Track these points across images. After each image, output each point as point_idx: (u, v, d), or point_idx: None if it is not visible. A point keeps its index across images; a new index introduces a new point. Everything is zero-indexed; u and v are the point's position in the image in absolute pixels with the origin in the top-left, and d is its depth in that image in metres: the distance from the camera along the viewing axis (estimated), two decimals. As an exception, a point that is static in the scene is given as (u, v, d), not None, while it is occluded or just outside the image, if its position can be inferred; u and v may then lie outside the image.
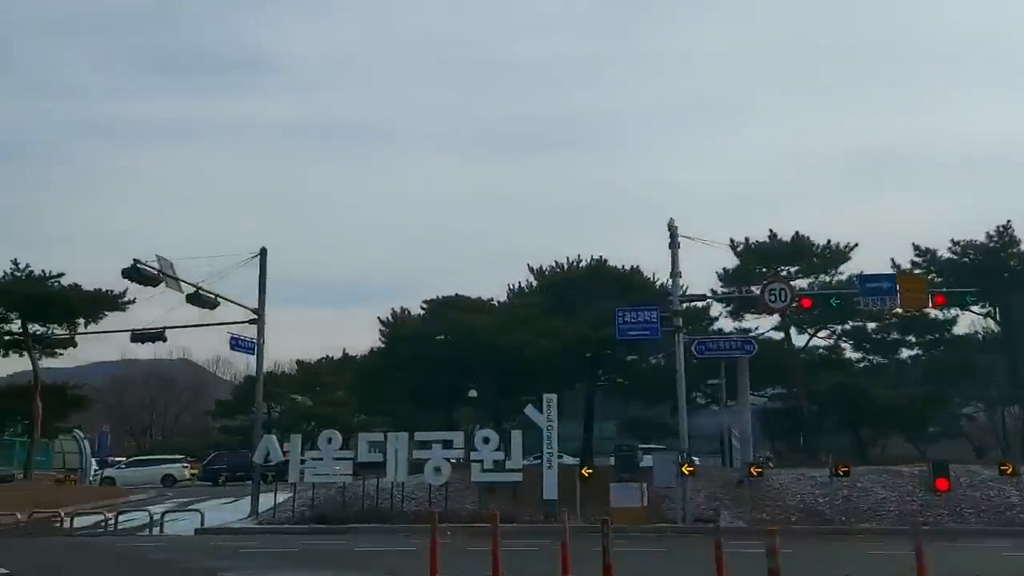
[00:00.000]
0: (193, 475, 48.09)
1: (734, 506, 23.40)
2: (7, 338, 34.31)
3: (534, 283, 30.45)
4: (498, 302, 30.61)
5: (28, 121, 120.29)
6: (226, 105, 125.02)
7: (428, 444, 23.89)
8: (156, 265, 20.69)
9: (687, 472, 21.32)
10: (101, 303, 32.72)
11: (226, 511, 28.09)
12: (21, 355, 34.64)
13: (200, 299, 23.07)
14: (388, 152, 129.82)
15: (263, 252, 26.74)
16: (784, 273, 29.97)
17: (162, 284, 20.81)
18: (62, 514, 24.52)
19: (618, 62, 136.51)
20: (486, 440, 23.14)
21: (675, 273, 23.17)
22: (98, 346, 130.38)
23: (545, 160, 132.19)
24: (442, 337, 30.74)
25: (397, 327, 31.57)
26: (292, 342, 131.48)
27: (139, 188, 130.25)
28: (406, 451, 23.78)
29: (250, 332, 26.38)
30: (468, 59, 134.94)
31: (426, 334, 29.85)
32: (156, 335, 26.63)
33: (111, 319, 35.13)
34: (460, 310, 29.49)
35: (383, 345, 32.63)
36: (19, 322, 33.91)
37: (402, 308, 32.30)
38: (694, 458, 23.03)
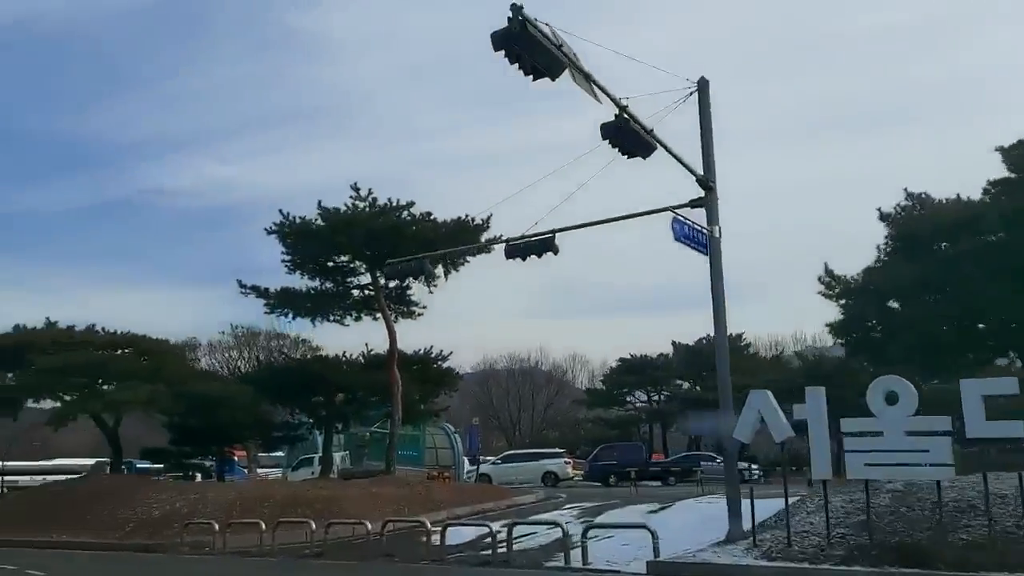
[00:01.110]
0: (577, 474, 39.21)
1: None
2: (356, 294, 27.35)
3: None
4: None
5: (384, 164, 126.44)
6: (549, 125, 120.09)
7: None
8: (552, 39, 10.19)
9: None
10: (463, 235, 24.12)
11: (667, 525, 17.08)
12: (375, 317, 27.51)
13: (627, 134, 12.35)
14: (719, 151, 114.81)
15: (702, 86, 15.55)
16: None
17: (564, 72, 10.26)
18: (427, 525, 15.25)
19: (952, 24, 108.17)
20: None
21: None
22: (462, 354, 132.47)
23: (894, 136, 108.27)
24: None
25: (918, 220, 18.37)
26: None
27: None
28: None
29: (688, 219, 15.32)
30: (793, 42, 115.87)
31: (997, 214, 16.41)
32: (542, 244, 16.81)
33: (473, 265, 26.59)
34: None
35: (886, 257, 19.65)
36: (368, 275, 26.68)
37: (917, 193, 19.12)
38: None
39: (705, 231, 15.07)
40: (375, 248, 24.88)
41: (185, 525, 18.29)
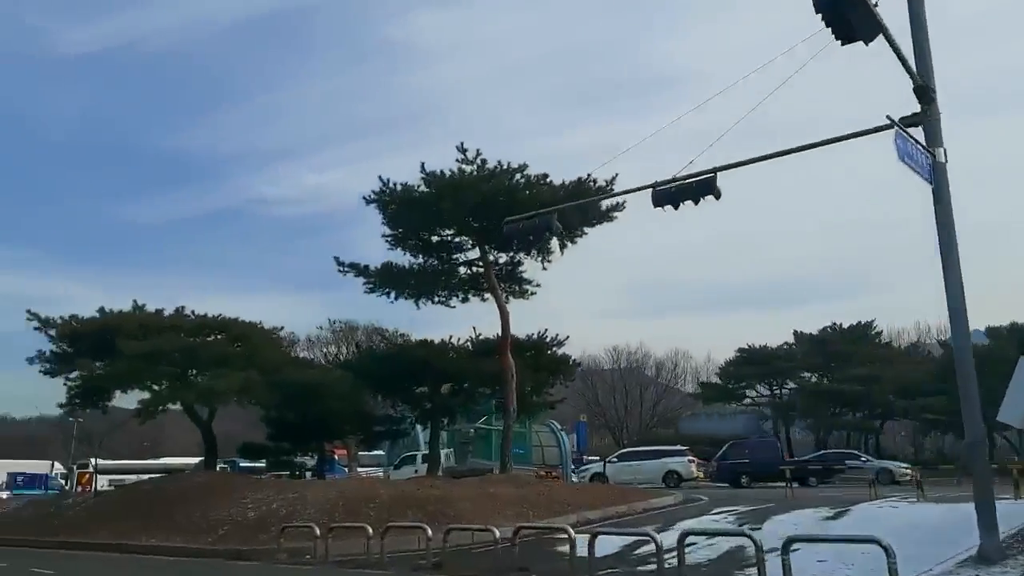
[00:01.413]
0: (703, 473, 35.60)
1: None
2: (462, 271, 24.54)
3: None
4: None
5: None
6: (642, 124, 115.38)
7: None
8: None
9: None
10: (584, 198, 20.90)
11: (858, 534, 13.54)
12: (483, 298, 24.73)
13: (850, 5, 9.00)
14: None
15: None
16: None
17: None
18: (571, 532, 12.19)
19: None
20: None
21: None
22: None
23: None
24: None
25: None
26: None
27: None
28: None
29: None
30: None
31: None
32: (701, 187, 13.86)
33: (593, 237, 23.52)
34: None
35: None
36: (476, 250, 23.87)
37: None
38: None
39: (928, 154, 11.52)
40: (484, 217, 22.06)
41: (282, 529, 15.88)
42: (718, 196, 13.70)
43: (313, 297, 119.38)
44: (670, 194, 13.99)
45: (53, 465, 57.45)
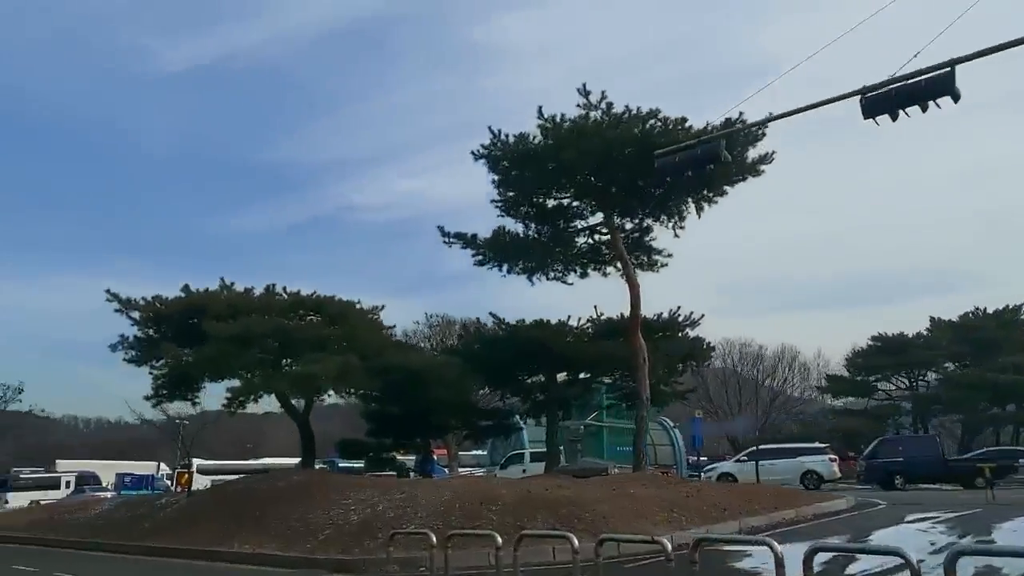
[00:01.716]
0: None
1: None
2: (583, 240, 21.44)
3: None
4: None
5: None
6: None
7: None
8: None
9: None
10: (732, 145, 17.52)
11: None
12: (604, 273, 21.62)
13: None
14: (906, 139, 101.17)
15: None
16: None
17: None
18: (776, 549, 8.91)
19: None
20: None
21: None
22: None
23: None
24: None
25: None
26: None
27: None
28: None
29: None
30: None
31: None
32: (933, 86, 10.65)
33: (739, 193, 20.21)
34: None
35: None
36: (598, 214, 20.76)
37: None
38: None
39: None
40: (610, 173, 18.97)
41: (391, 536, 13.18)
42: (957, 98, 10.30)
43: (406, 301, 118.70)
44: (888, 99, 10.67)
45: (159, 466, 57.82)
